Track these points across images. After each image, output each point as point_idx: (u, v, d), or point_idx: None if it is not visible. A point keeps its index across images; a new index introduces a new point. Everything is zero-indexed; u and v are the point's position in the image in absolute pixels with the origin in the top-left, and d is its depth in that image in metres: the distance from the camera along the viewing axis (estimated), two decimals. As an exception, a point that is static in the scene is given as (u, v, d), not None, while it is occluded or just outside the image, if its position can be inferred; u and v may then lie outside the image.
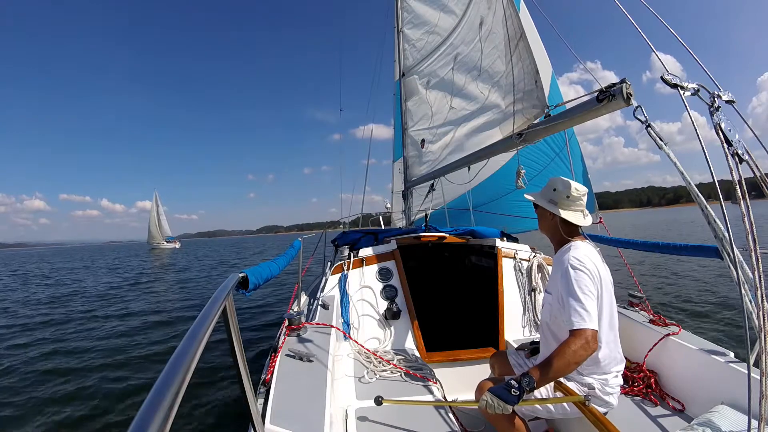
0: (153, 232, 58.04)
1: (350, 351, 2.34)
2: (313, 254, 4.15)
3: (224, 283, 1.08)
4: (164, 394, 0.49)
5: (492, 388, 1.42)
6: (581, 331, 1.37)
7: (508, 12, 2.60)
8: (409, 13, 4.06)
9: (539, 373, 1.37)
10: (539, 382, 1.37)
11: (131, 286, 12.99)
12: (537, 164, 4.97)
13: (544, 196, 1.72)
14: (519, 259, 2.95)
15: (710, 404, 1.58)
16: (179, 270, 18.99)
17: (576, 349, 1.35)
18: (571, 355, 1.35)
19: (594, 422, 1.42)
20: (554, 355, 1.38)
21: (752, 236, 1.11)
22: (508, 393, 1.35)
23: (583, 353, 1.35)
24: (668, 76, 1.25)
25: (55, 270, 23.24)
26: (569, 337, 1.39)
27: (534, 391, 1.39)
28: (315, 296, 2.72)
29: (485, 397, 1.40)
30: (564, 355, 1.35)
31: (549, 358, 1.39)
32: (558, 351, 1.38)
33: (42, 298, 11.22)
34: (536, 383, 1.36)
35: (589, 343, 1.36)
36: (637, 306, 2.44)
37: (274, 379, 1.45)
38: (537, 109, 2.42)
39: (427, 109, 4.06)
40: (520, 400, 1.36)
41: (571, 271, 1.49)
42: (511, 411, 1.37)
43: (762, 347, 1.09)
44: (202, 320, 0.75)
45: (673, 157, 1.30)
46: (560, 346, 1.39)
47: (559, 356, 1.36)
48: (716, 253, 1.82)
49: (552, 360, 1.37)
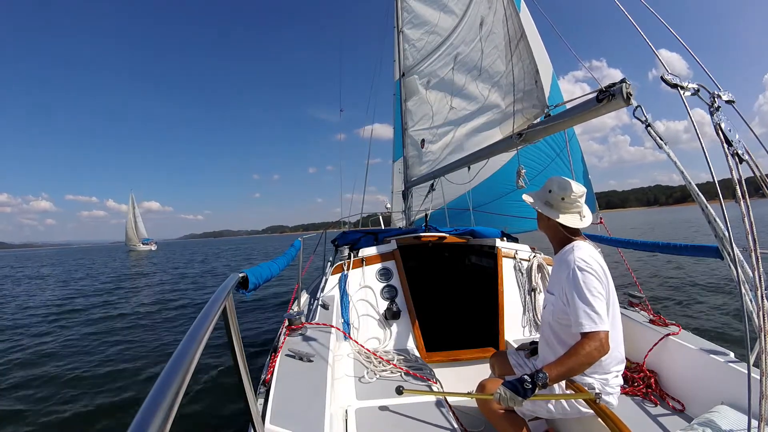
0: (129, 234, 57.28)
1: (350, 351, 2.34)
2: (313, 254, 4.15)
3: (224, 283, 1.08)
4: (164, 394, 0.49)
5: (505, 381, 1.45)
6: (595, 334, 1.39)
7: (509, 12, 2.60)
8: (409, 13, 4.06)
9: (552, 371, 1.40)
10: (552, 379, 1.40)
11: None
12: (537, 164, 4.97)
13: (540, 197, 1.71)
14: (519, 259, 2.95)
15: (710, 404, 1.58)
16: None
17: (590, 351, 1.38)
18: (585, 357, 1.38)
19: (605, 419, 1.43)
20: (568, 355, 1.41)
21: (752, 236, 1.11)
22: (521, 387, 1.39)
23: (596, 354, 1.39)
24: (668, 76, 1.25)
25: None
26: (582, 339, 1.41)
27: (545, 387, 1.42)
28: (315, 296, 2.72)
29: (499, 389, 1.43)
30: (578, 355, 1.38)
31: (562, 358, 1.43)
32: (572, 351, 1.41)
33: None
34: (549, 380, 1.39)
35: (603, 345, 1.39)
36: (637, 306, 2.44)
37: (274, 379, 1.45)
38: (537, 109, 2.42)
39: (427, 109, 4.06)
40: (531, 395, 1.40)
41: (578, 273, 1.49)
42: (522, 404, 1.41)
43: (762, 347, 1.09)
44: (202, 320, 0.75)
45: (674, 156, 1.30)
46: (574, 347, 1.42)
47: (573, 357, 1.39)
48: (716, 253, 1.82)
49: (565, 360, 1.41)
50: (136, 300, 10.31)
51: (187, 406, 3.50)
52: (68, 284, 15.23)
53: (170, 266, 22.29)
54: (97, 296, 11.31)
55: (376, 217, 8.10)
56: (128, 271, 20.77)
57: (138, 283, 14.52)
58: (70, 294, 12.09)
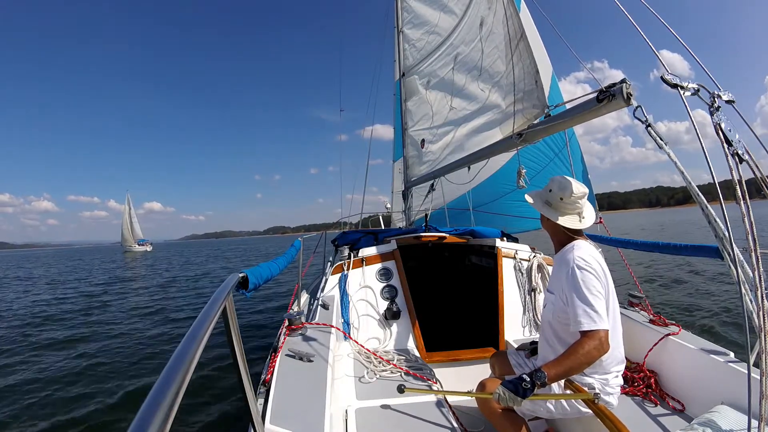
0: (125, 235, 56.97)
1: (350, 351, 2.34)
2: (313, 254, 4.15)
3: (224, 283, 1.08)
4: (164, 394, 0.49)
5: (504, 382, 1.45)
6: (594, 333, 1.39)
7: (509, 12, 2.60)
8: (409, 13, 4.06)
9: (551, 371, 1.39)
10: (551, 378, 1.39)
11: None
12: (537, 164, 4.97)
13: (541, 197, 1.71)
14: (519, 259, 2.95)
15: (710, 404, 1.58)
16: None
17: (589, 350, 1.37)
18: (584, 356, 1.37)
19: (603, 419, 1.43)
20: (567, 354, 1.41)
21: (752, 236, 1.11)
22: (520, 387, 1.38)
23: (596, 353, 1.38)
24: (668, 76, 1.25)
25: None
26: (582, 337, 1.41)
27: (544, 387, 1.41)
28: (315, 296, 2.72)
29: (498, 389, 1.42)
30: (577, 354, 1.38)
31: (561, 357, 1.42)
32: (571, 350, 1.40)
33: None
34: (548, 379, 1.39)
35: (603, 344, 1.38)
36: (637, 306, 2.44)
37: (274, 379, 1.45)
38: (537, 109, 2.42)
39: (427, 109, 4.06)
40: (530, 395, 1.39)
41: (578, 272, 1.49)
42: (521, 403, 1.40)
43: (762, 347, 1.09)
44: (202, 320, 0.75)
45: (674, 156, 1.30)
46: (573, 346, 1.41)
47: (572, 356, 1.38)
48: (716, 253, 1.82)
49: (564, 359, 1.40)
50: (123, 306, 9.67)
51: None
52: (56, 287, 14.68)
53: (164, 268, 21.98)
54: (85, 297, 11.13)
55: (376, 217, 8.10)
56: (122, 274, 19.94)
57: (129, 286, 14.04)
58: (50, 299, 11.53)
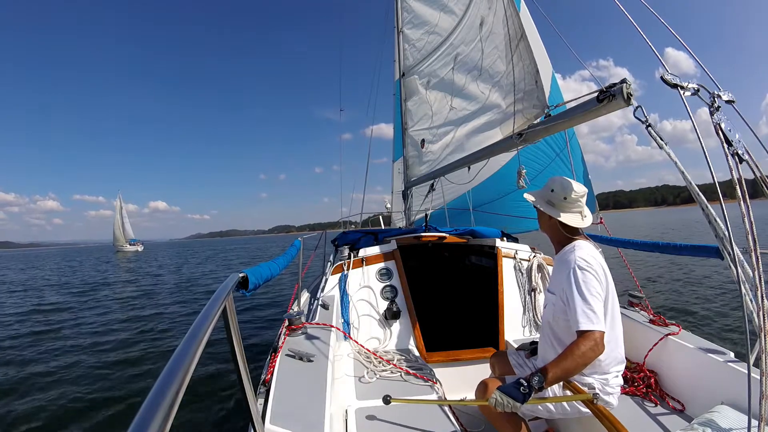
0: (117, 234, 56.72)
1: (350, 351, 2.34)
2: (314, 254, 4.15)
3: (224, 283, 1.08)
4: (164, 394, 0.49)
5: (501, 386, 1.43)
6: (590, 333, 1.38)
7: (509, 12, 2.60)
8: (409, 13, 4.05)
9: (548, 373, 1.38)
10: (548, 381, 1.38)
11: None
12: (537, 164, 4.97)
13: (542, 197, 1.72)
14: (519, 259, 2.95)
15: (710, 404, 1.58)
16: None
17: (585, 351, 1.36)
18: (579, 356, 1.36)
19: (602, 420, 1.42)
20: (563, 355, 1.40)
21: (752, 236, 1.11)
22: (517, 391, 1.37)
23: (591, 354, 1.37)
24: (668, 76, 1.25)
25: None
26: (578, 338, 1.40)
27: (542, 390, 1.40)
28: (315, 296, 2.72)
29: (495, 394, 1.41)
30: (573, 356, 1.37)
31: (558, 359, 1.41)
32: (567, 352, 1.40)
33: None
34: (545, 382, 1.38)
35: (598, 344, 1.37)
36: (637, 306, 2.44)
37: (274, 379, 1.45)
38: (537, 109, 2.42)
39: (427, 109, 4.05)
40: (529, 399, 1.38)
41: (578, 272, 1.49)
42: (520, 408, 1.38)
43: (762, 347, 1.09)
44: (202, 320, 0.75)
45: (674, 156, 1.30)
46: (569, 347, 1.40)
47: (568, 357, 1.38)
48: (716, 253, 1.82)
49: (561, 360, 1.39)
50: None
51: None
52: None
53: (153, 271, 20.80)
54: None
55: (377, 217, 8.09)
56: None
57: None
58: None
